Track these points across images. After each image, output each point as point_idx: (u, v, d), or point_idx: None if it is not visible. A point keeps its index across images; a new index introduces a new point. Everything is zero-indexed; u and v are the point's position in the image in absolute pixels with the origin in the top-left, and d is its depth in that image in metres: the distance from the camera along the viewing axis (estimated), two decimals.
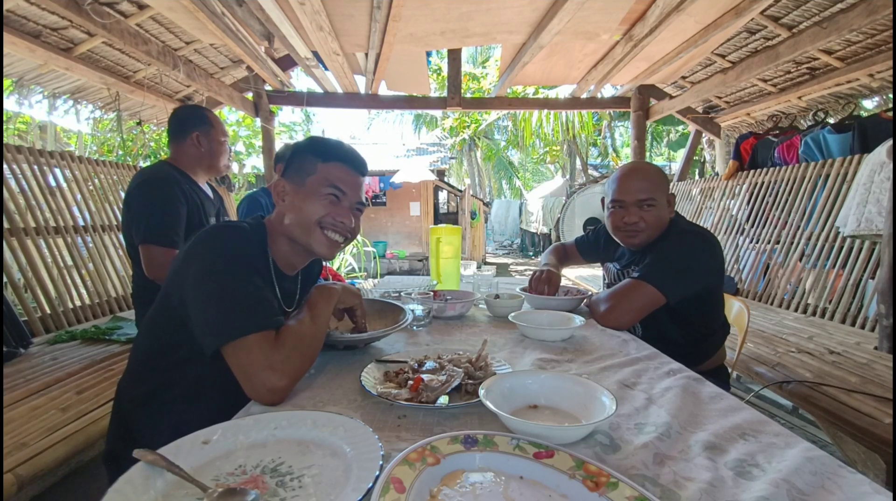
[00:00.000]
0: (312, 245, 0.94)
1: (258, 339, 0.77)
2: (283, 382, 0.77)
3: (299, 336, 0.83)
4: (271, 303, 0.85)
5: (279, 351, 0.78)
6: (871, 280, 2.46)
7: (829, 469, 0.56)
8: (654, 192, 1.32)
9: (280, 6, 2.44)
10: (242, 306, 0.79)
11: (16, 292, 2.41)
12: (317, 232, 0.93)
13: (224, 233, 0.88)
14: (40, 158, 2.76)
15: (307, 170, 0.94)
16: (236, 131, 8.78)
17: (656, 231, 1.35)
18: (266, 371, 0.75)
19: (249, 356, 0.76)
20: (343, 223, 0.95)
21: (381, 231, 11.34)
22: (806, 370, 1.79)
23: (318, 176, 0.93)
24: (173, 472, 0.54)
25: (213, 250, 0.85)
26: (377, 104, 4.42)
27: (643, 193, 1.32)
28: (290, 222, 0.94)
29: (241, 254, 0.86)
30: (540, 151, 16.95)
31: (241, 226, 0.91)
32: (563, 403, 0.74)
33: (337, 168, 0.95)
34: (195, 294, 0.81)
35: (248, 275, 0.84)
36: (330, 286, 0.98)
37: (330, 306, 0.95)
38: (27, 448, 1.27)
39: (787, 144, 3.47)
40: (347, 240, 0.99)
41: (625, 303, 1.26)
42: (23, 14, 2.49)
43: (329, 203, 0.93)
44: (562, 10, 2.47)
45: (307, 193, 0.93)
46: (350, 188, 0.95)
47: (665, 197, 1.35)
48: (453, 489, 0.52)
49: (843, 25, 2.50)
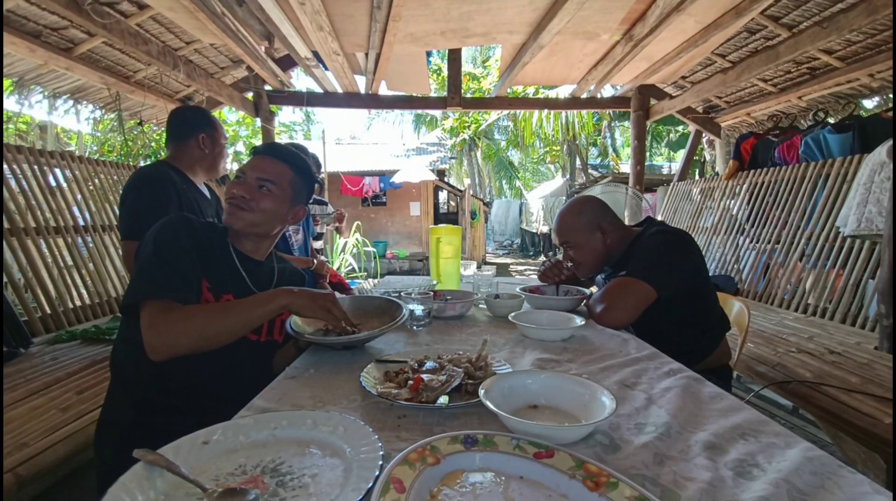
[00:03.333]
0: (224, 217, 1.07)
1: (149, 306, 0.90)
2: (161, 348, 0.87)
3: (196, 317, 0.91)
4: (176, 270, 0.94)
5: (167, 319, 0.88)
6: (871, 280, 2.46)
7: (829, 469, 0.56)
8: (567, 235, 1.51)
9: (280, 6, 2.44)
10: (149, 275, 0.92)
11: (16, 291, 2.41)
12: (226, 205, 1.07)
13: (167, 220, 1.01)
14: (40, 158, 2.76)
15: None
16: (236, 131, 8.77)
17: (593, 261, 1.51)
18: (149, 331, 0.87)
19: (142, 319, 0.89)
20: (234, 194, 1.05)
21: (382, 231, 11.34)
22: (806, 370, 1.79)
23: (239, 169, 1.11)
24: (173, 472, 0.53)
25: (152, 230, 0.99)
26: (377, 104, 4.42)
27: (559, 238, 1.55)
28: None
29: (169, 231, 0.98)
30: (540, 151, 16.95)
31: (194, 218, 1.07)
32: (564, 403, 0.74)
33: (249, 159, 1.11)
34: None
35: (169, 247, 0.95)
36: (278, 291, 0.98)
37: (260, 308, 0.94)
38: (27, 448, 1.27)
39: (787, 144, 3.47)
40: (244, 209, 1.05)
41: (619, 301, 1.29)
42: (23, 14, 2.49)
43: (234, 183, 1.07)
44: (562, 10, 2.47)
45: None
46: (249, 169, 1.08)
47: (586, 232, 1.49)
48: (453, 489, 0.52)
49: (843, 25, 2.50)
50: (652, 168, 16.65)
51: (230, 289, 1.02)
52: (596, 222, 1.49)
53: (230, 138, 7.69)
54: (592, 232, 1.49)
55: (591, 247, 1.49)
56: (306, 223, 2.60)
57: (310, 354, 1.05)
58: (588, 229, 1.49)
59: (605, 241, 1.48)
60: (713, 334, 1.43)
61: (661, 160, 18.35)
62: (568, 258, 1.54)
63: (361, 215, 10.51)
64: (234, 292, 1.03)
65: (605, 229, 1.48)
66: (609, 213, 1.52)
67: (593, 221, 1.49)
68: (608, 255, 1.50)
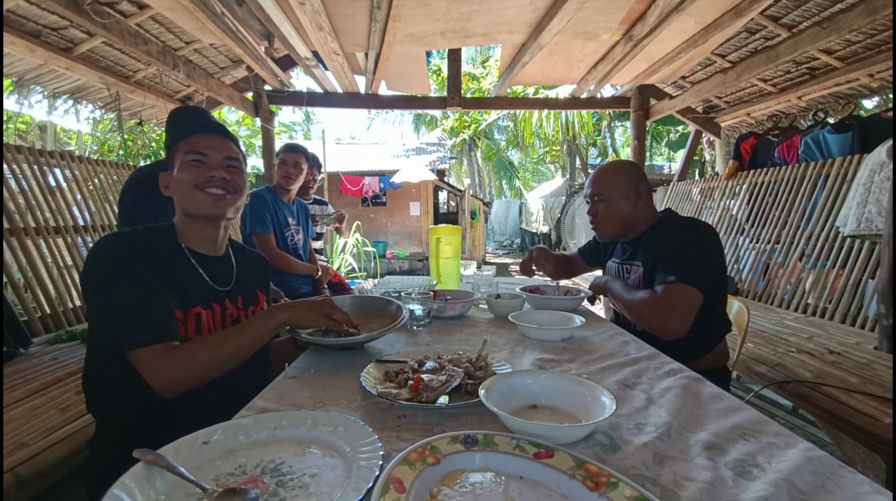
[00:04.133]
0: (200, 208, 0.97)
1: (145, 353, 0.83)
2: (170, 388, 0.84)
3: (192, 349, 0.87)
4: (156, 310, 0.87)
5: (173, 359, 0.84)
6: (871, 280, 2.46)
7: (829, 469, 0.56)
8: (602, 187, 1.45)
9: (280, 6, 2.44)
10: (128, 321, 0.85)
11: (16, 292, 2.41)
12: (197, 194, 0.96)
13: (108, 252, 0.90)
14: (40, 157, 2.76)
15: (173, 155, 1.00)
16: (236, 131, 8.77)
17: (618, 223, 1.46)
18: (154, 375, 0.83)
19: (138, 366, 0.84)
20: (214, 177, 0.97)
21: (381, 231, 11.34)
22: (806, 370, 1.79)
23: (180, 153, 0.99)
24: (173, 472, 0.53)
25: (94, 261, 0.89)
26: (377, 104, 4.41)
27: (590, 188, 1.48)
28: (177, 202, 1.00)
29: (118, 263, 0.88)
30: (540, 151, 16.94)
31: (127, 233, 0.95)
32: (564, 403, 0.74)
33: (193, 139, 0.99)
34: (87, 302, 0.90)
35: (130, 283, 0.87)
36: (275, 308, 0.97)
37: (260, 328, 0.93)
38: (27, 448, 1.27)
39: (787, 144, 3.47)
40: (231, 192, 0.99)
41: (679, 310, 1.23)
42: (23, 14, 2.49)
43: (195, 167, 0.97)
44: (562, 10, 2.47)
45: (177, 170, 0.98)
46: (210, 149, 0.99)
47: (621, 191, 1.43)
48: (453, 489, 0.52)
49: (843, 25, 2.50)
50: (652, 168, 16.67)
51: (196, 301, 0.96)
52: (633, 186, 1.43)
53: None
54: (627, 194, 1.43)
55: (620, 208, 1.44)
56: (306, 223, 2.60)
57: (310, 354, 1.05)
58: (624, 188, 1.44)
59: (635, 206, 1.43)
60: (714, 333, 1.42)
61: (661, 160, 18.36)
62: (593, 212, 1.49)
63: (361, 215, 10.51)
64: (201, 302, 0.97)
65: (640, 194, 1.43)
66: (647, 183, 1.48)
67: (632, 183, 1.44)
68: (632, 224, 1.45)
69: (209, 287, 1.00)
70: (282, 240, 2.39)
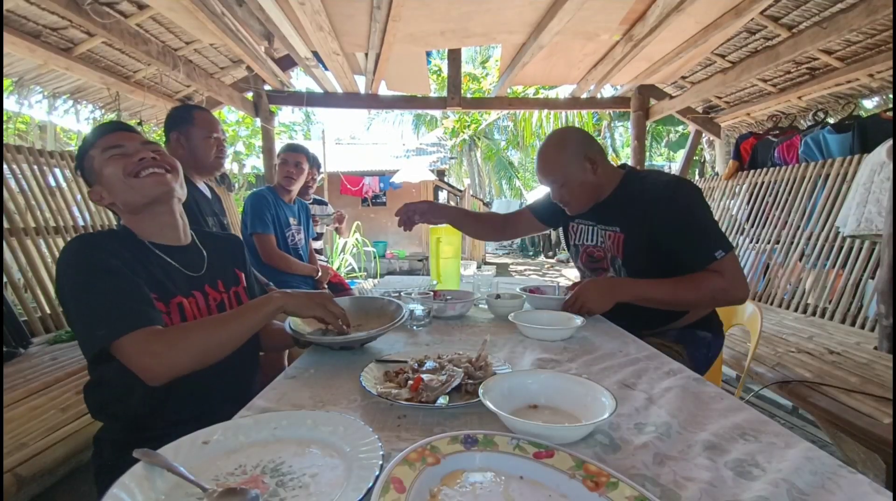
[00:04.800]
0: (144, 193, 0.93)
1: (129, 339, 0.80)
2: (161, 371, 0.80)
3: (192, 335, 0.85)
4: (137, 298, 0.85)
5: (159, 343, 0.81)
6: (870, 280, 2.46)
7: (829, 469, 0.56)
8: (552, 173, 1.38)
9: (280, 6, 2.44)
10: (111, 310, 0.81)
11: (16, 292, 2.41)
12: (136, 182, 0.93)
13: (70, 247, 0.87)
14: (40, 157, 2.76)
15: (91, 165, 0.96)
16: (236, 131, 8.77)
17: (586, 195, 1.39)
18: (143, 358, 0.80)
19: (126, 356, 0.80)
20: (144, 159, 0.93)
21: (381, 231, 11.34)
22: (806, 370, 1.79)
23: (97, 159, 0.94)
24: (173, 472, 0.53)
25: (64, 266, 0.86)
26: (377, 104, 4.42)
27: (543, 177, 1.42)
28: (123, 203, 0.95)
29: (88, 260, 0.85)
30: None
31: (91, 234, 0.93)
32: (564, 403, 0.74)
33: (102, 141, 0.96)
34: (66, 308, 0.86)
35: (105, 274, 0.84)
36: (268, 296, 0.95)
37: (257, 313, 0.92)
38: (27, 448, 1.27)
39: (786, 144, 3.47)
40: (168, 170, 0.96)
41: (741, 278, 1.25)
42: (23, 14, 2.49)
43: (119, 158, 0.93)
44: (562, 10, 2.47)
45: (102, 173, 0.94)
46: (122, 139, 0.95)
47: (574, 167, 1.35)
48: (453, 489, 0.52)
49: (843, 25, 2.50)
50: (652, 168, 16.64)
51: (174, 291, 0.94)
52: (583, 153, 1.35)
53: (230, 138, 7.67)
54: (580, 164, 1.35)
55: (581, 181, 1.36)
56: (307, 224, 2.60)
57: (310, 354, 1.05)
58: (575, 160, 1.35)
59: (594, 171, 1.35)
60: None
61: (661, 160, 18.33)
62: (558, 199, 1.42)
63: (361, 215, 10.50)
64: (180, 292, 0.95)
65: (592, 158, 1.35)
66: (594, 142, 1.41)
67: (579, 151, 1.35)
68: (599, 188, 1.38)
69: (184, 275, 0.98)
70: (282, 240, 2.39)
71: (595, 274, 1.50)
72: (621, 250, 1.37)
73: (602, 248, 1.44)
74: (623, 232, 1.36)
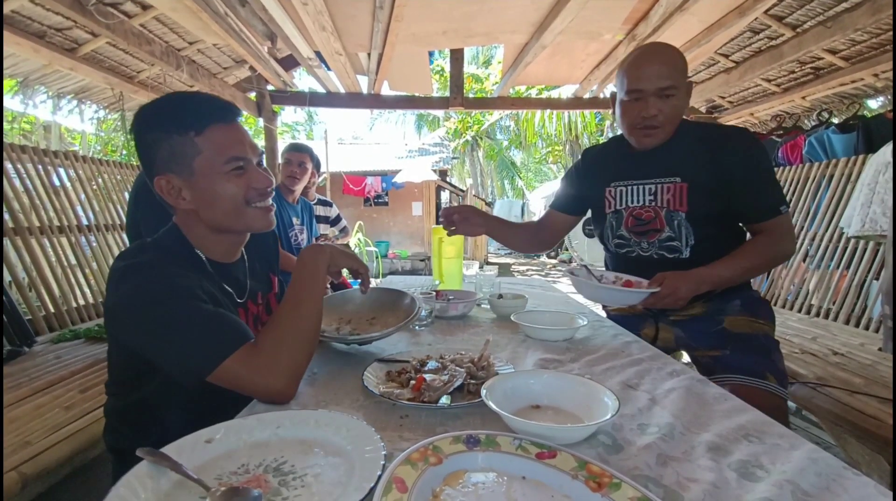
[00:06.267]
0: (250, 226, 0.87)
1: (233, 360, 0.72)
2: (281, 382, 0.75)
3: (280, 333, 0.79)
4: (226, 316, 0.77)
5: (262, 357, 0.75)
6: (875, 281, 2.45)
7: (833, 470, 0.56)
8: (676, 78, 1.14)
9: (283, 6, 2.44)
10: (203, 335, 0.73)
11: (20, 290, 2.42)
12: (248, 211, 0.84)
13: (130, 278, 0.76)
14: (44, 157, 2.77)
15: (185, 153, 0.80)
16: None
17: (677, 119, 1.20)
18: (260, 378, 0.73)
19: (236, 378, 0.73)
20: (266, 188, 0.86)
21: (384, 231, 11.35)
22: (809, 371, 1.78)
23: (205, 154, 0.80)
24: (176, 471, 0.54)
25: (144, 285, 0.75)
26: (380, 104, 4.42)
27: (664, 79, 1.13)
28: (210, 217, 0.84)
29: (171, 275, 0.76)
30: (542, 151, 16.94)
31: (157, 243, 0.84)
32: (566, 403, 0.74)
33: (218, 132, 0.81)
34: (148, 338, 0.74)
35: (191, 296, 0.76)
36: (314, 256, 0.90)
37: (318, 277, 0.87)
38: (31, 447, 1.28)
39: (790, 144, 3.45)
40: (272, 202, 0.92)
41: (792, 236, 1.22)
42: (27, 14, 2.50)
43: (239, 177, 0.82)
44: (564, 10, 2.46)
45: (207, 179, 0.81)
46: (246, 148, 0.84)
47: (685, 85, 1.19)
48: (456, 489, 0.52)
49: (847, 25, 2.49)
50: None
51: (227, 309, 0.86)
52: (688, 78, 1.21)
53: None
54: (688, 85, 1.19)
55: (681, 107, 1.19)
56: (310, 223, 2.61)
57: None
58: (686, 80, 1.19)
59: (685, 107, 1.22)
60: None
61: None
62: (656, 111, 1.17)
63: (363, 215, 10.52)
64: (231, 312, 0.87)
65: (689, 92, 1.22)
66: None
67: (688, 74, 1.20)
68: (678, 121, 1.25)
69: (230, 296, 0.91)
70: (286, 240, 2.40)
71: (642, 238, 1.30)
72: (685, 201, 1.21)
73: (652, 207, 1.27)
74: (686, 181, 1.21)
